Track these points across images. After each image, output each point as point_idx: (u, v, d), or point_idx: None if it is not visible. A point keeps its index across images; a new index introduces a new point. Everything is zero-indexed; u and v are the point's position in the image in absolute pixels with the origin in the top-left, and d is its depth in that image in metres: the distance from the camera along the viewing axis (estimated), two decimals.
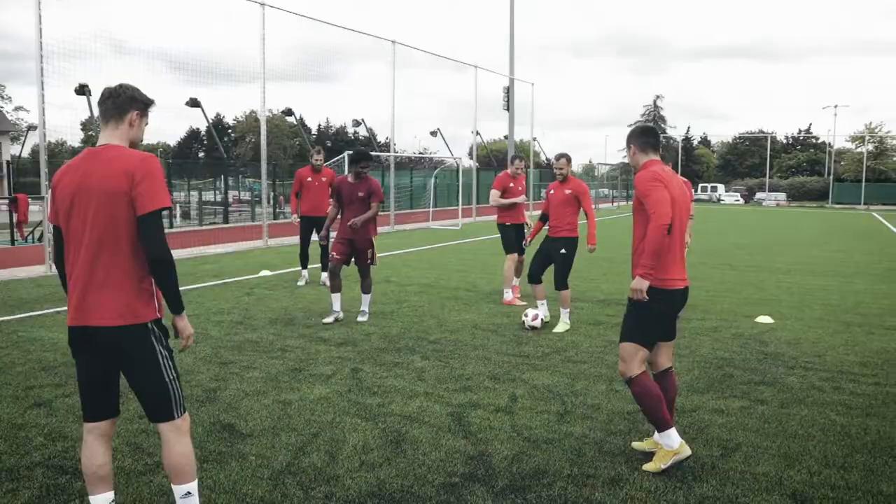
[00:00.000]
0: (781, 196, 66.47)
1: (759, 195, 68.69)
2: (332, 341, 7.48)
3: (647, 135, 4.48)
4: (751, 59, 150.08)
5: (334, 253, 8.44)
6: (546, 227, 8.55)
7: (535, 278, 8.41)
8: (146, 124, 3.41)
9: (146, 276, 3.21)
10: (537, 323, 7.99)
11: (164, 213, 3.25)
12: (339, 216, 8.63)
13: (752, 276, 13.08)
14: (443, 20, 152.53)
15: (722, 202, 65.58)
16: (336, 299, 8.40)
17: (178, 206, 30.45)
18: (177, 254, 15.59)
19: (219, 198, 30.13)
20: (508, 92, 33.30)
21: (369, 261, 8.47)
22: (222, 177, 30.57)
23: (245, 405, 5.39)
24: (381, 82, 24.68)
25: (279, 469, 4.24)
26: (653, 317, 4.26)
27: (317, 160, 11.31)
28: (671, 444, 4.22)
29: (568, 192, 8.16)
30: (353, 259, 8.53)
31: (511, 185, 10.03)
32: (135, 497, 3.89)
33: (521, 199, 10.00)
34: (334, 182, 8.77)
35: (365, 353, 6.99)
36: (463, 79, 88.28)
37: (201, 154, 76.41)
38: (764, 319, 8.84)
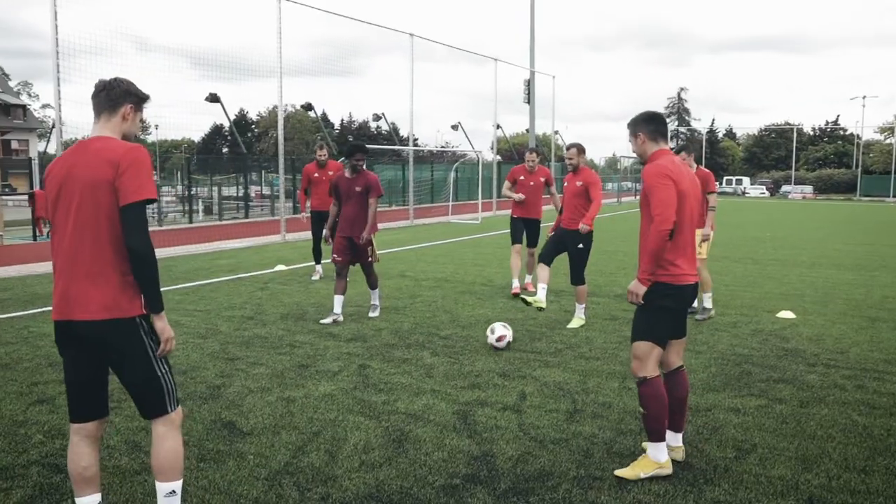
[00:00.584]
0: (808, 189, 65.49)
1: (784, 188, 67.67)
2: (341, 337, 7.37)
3: (657, 122, 4.23)
4: (777, 50, 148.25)
5: (336, 255, 8.23)
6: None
7: (545, 258, 8.07)
8: (141, 119, 3.33)
9: (130, 269, 3.11)
10: (502, 345, 6.83)
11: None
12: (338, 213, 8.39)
13: (774, 270, 12.80)
14: (464, 14, 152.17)
15: (747, 195, 64.69)
16: (338, 301, 8.16)
17: (200, 201, 30.62)
18: (195, 248, 15.65)
19: (241, 193, 30.22)
20: (529, 85, 33.05)
21: (370, 258, 8.25)
22: (245, 172, 30.68)
23: (248, 402, 5.29)
24: (402, 77, 24.62)
25: (277, 469, 4.13)
26: (663, 314, 4.08)
27: (321, 156, 11.23)
28: (658, 457, 4.03)
29: (579, 183, 7.93)
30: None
31: (522, 177, 10.01)
32: (127, 497, 3.81)
33: (517, 196, 9.89)
34: (332, 178, 8.52)
35: (374, 349, 6.88)
36: (484, 72, 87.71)
37: (225, 149, 76.91)
38: (785, 315, 8.60)
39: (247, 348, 6.88)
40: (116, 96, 3.19)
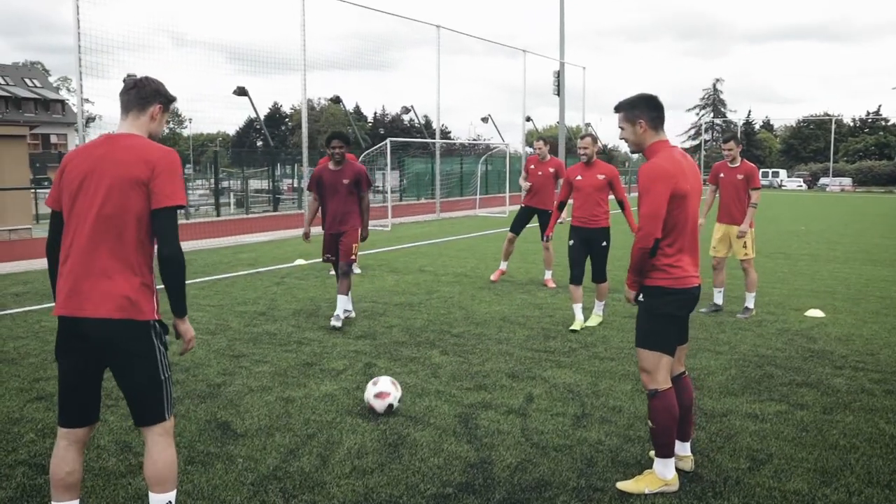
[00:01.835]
0: (847, 181, 63.85)
1: (822, 180, 66.11)
2: (350, 334, 7.22)
3: (660, 107, 3.85)
4: (817, 39, 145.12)
5: (330, 255, 7.77)
6: (567, 218, 8.07)
7: (580, 279, 7.60)
8: (167, 120, 3.31)
9: (149, 272, 3.06)
10: (381, 404, 4.87)
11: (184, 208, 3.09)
12: (319, 211, 7.87)
13: (805, 266, 12.36)
14: (496, 5, 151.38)
15: (784, 188, 63.35)
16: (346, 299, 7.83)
17: (232, 194, 30.81)
18: (219, 242, 15.66)
19: (270, 186, 30.34)
20: (558, 76, 32.60)
21: (352, 256, 7.58)
22: (277, 165, 30.82)
23: (246, 402, 5.16)
24: (435, 70, 24.38)
25: (265, 473, 3.98)
26: (668, 320, 3.78)
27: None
28: (665, 473, 3.78)
29: (601, 177, 7.53)
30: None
31: (532, 167, 10.15)
32: (109, 501, 3.69)
33: (525, 185, 10.14)
34: (314, 171, 7.86)
35: (382, 347, 6.71)
36: (516, 64, 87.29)
37: (259, 143, 77.44)
38: (814, 313, 8.23)
39: (254, 345, 6.76)
40: (147, 95, 3.17)
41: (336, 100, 34.50)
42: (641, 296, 3.80)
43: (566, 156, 32.82)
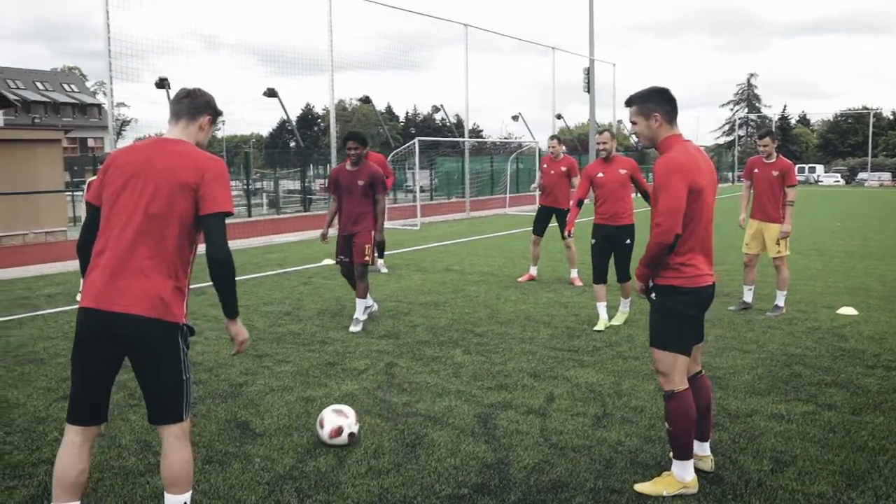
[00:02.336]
0: (886, 176, 62.33)
1: (860, 175, 64.64)
2: (374, 333, 7.22)
3: (673, 101, 3.75)
4: (853, 32, 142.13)
5: (343, 256, 7.59)
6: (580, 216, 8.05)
7: (602, 277, 7.54)
8: (211, 133, 3.40)
9: (184, 276, 3.12)
10: (341, 439, 4.36)
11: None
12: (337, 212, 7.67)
13: (840, 263, 12.08)
14: (527, 3, 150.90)
15: (820, 183, 62.12)
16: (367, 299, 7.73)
17: (264, 195, 31.08)
18: (249, 242, 15.81)
19: (301, 187, 30.56)
20: (588, 73, 32.38)
21: (365, 257, 7.41)
22: (309, 165, 31.04)
23: (267, 402, 5.18)
24: (467, 68, 24.37)
25: (281, 473, 3.99)
26: (682, 320, 3.68)
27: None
28: (684, 476, 3.70)
29: (623, 171, 7.37)
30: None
31: (545, 165, 10.21)
32: (127, 500, 3.72)
33: (533, 185, 10.34)
34: (332, 172, 7.72)
35: (405, 347, 6.70)
36: (546, 62, 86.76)
37: (292, 144, 78.02)
38: (846, 311, 8.03)
39: (277, 345, 6.80)
40: (199, 105, 3.27)
41: (366, 100, 34.66)
42: (654, 294, 3.74)
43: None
